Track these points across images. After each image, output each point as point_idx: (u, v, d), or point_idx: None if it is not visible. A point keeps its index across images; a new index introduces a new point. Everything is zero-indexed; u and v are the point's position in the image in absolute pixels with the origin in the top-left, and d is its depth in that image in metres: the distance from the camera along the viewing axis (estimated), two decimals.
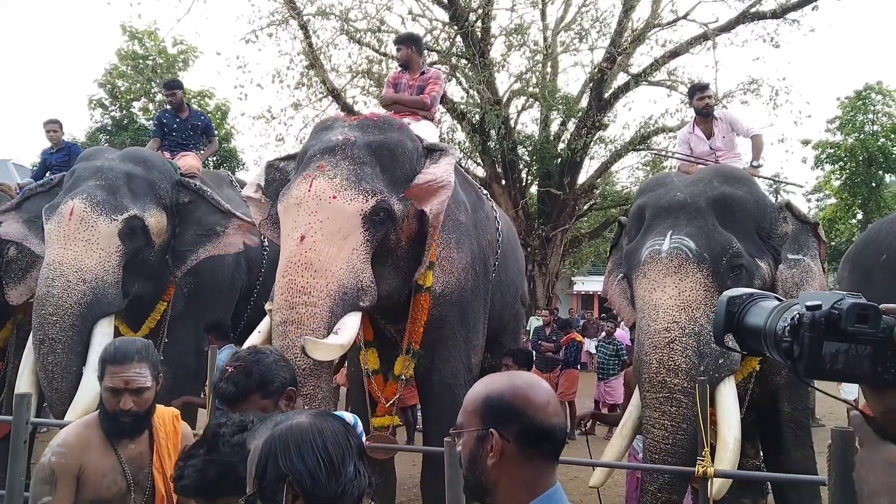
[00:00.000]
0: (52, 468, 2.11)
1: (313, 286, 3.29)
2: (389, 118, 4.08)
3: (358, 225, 3.47)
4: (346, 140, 3.69)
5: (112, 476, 2.20)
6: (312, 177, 3.52)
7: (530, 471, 1.28)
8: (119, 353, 2.21)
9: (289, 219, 3.51)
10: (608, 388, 9.22)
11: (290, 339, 3.20)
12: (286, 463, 1.22)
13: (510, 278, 5.41)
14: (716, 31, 12.74)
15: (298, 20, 12.98)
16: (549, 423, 1.29)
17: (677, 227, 3.67)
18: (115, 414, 2.19)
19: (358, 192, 3.49)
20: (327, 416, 1.35)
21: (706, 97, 5.08)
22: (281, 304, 3.31)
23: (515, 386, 1.32)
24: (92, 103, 20.76)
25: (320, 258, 3.33)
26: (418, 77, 5.04)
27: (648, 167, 15.76)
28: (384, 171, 3.69)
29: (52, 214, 4.49)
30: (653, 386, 3.43)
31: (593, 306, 26.33)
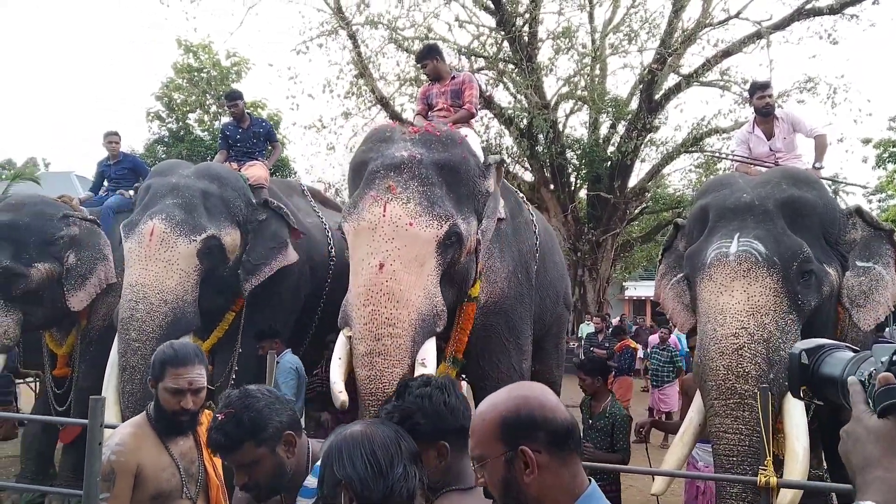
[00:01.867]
0: (111, 466, 2.20)
1: (397, 317, 3.34)
2: (451, 133, 4.05)
3: (433, 251, 3.51)
4: (411, 157, 3.68)
5: (170, 471, 2.31)
6: (385, 200, 3.52)
7: (567, 474, 1.26)
8: (180, 355, 2.31)
9: (363, 243, 3.52)
10: (662, 395, 9.04)
11: (378, 370, 3.28)
12: (339, 469, 1.33)
13: (549, 281, 5.36)
14: (770, 28, 12.44)
15: (347, 30, 13.17)
16: (566, 418, 1.28)
17: (745, 230, 3.57)
18: (176, 413, 2.30)
19: (432, 217, 3.51)
20: (379, 423, 1.46)
21: (767, 96, 4.92)
22: (365, 334, 3.35)
23: (522, 397, 1.30)
24: (150, 116, 21.44)
25: (401, 287, 3.37)
26: (449, 83, 5.02)
27: (701, 169, 15.46)
28: (450, 190, 3.71)
29: (131, 233, 4.56)
30: (721, 393, 3.34)
31: (645, 312, 25.90)
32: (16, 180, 19.36)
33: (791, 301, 3.43)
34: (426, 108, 5.10)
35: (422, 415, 1.61)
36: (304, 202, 6.22)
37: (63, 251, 5.42)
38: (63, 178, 24.24)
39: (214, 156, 6.83)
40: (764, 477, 3.00)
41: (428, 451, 1.61)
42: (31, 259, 5.27)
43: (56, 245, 5.37)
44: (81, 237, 5.42)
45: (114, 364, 4.39)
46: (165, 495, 2.29)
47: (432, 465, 1.62)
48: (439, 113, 4.94)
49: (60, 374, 5.81)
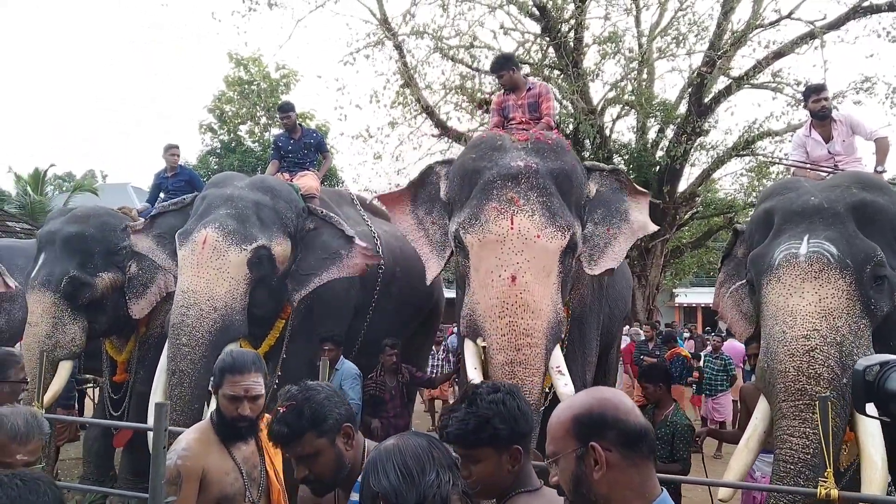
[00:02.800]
0: (178, 470, 2.27)
1: (533, 328, 3.50)
2: (560, 140, 4.17)
3: (557, 261, 3.66)
4: (528, 167, 3.80)
5: (233, 475, 2.38)
6: (511, 212, 3.64)
7: (637, 476, 1.29)
8: (238, 363, 2.38)
9: (491, 255, 3.63)
10: (716, 404, 8.85)
11: (519, 378, 3.42)
12: (375, 482, 1.37)
13: (619, 293, 5.34)
14: (823, 28, 12.09)
15: (393, 41, 13.31)
16: (640, 422, 1.32)
17: (814, 231, 3.47)
18: (234, 419, 2.37)
19: (556, 228, 3.65)
20: (412, 435, 1.50)
21: (822, 99, 4.78)
22: (504, 344, 3.50)
23: (597, 397, 1.36)
24: (202, 128, 22.05)
25: (534, 299, 3.52)
26: (525, 94, 5.01)
27: (753, 173, 15.08)
28: (564, 198, 3.83)
29: (185, 241, 4.69)
30: (790, 394, 3.23)
31: (696, 319, 25.37)
32: (76, 192, 20.12)
33: (864, 305, 3.32)
34: (502, 120, 5.10)
35: (499, 420, 1.65)
36: (353, 211, 6.31)
37: (125, 261, 5.64)
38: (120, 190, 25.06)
39: (265, 166, 6.97)
40: (824, 489, 2.90)
41: (503, 456, 1.65)
42: (97, 269, 5.51)
43: (119, 255, 5.60)
44: None
45: (163, 368, 4.51)
46: (229, 499, 2.35)
47: (506, 469, 1.65)
48: (518, 126, 4.95)
49: (119, 379, 6.01)
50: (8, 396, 2.69)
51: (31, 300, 5.34)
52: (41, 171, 20.55)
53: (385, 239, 6.21)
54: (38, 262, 5.50)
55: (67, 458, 7.29)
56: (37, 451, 1.98)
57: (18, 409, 2.04)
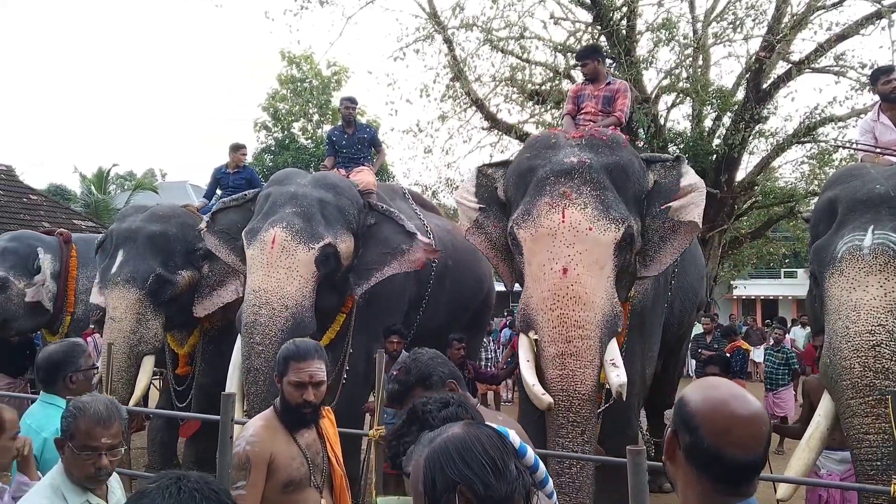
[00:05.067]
0: (247, 456, 2.38)
1: (585, 319, 3.47)
2: (616, 136, 4.13)
3: (611, 254, 3.61)
4: (581, 162, 3.77)
5: (299, 460, 2.48)
6: (562, 206, 3.62)
7: (699, 487, 1.23)
8: (301, 351, 2.48)
9: (543, 248, 3.63)
10: (777, 399, 8.60)
11: (570, 370, 3.43)
12: (453, 471, 1.25)
13: (690, 284, 5.23)
14: (891, 7, 11.56)
15: (443, 34, 13.31)
16: (721, 450, 1.18)
17: (880, 222, 3.34)
18: (299, 406, 2.47)
19: (609, 221, 3.61)
20: (476, 424, 1.40)
21: (893, 80, 4.58)
22: (555, 336, 3.49)
23: (711, 402, 1.24)
24: (257, 126, 22.51)
25: (586, 291, 3.50)
26: (603, 87, 4.98)
27: (815, 161, 14.55)
28: (620, 192, 3.79)
29: (253, 240, 4.78)
30: (859, 391, 3.12)
31: (755, 312, 24.70)
32: (137, 190, 20.81)
33: None
34: (575, 109, 5.09)
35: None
36: (406, 205, 6.35)
37: (201, 260, 5.82)
38: (179, 187, 25.83)
39: (318, 163, 7.05)
40: None
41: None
42: (177, 267, 5.72)
43: (196, 254, 5.78)
44: None
45: (237, 365, 4.62)
46: (296, 483, 2.45)
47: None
48: (586, 116, 4.93)
49: (182, 372, 6.20)
50: (84, 384, 2.82)
51: (114, 296, 5.52)
52: (104, 170, 21.35)
53: (437, 233, 6.24)
54: (116, 258, 5.70)
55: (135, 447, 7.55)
56: (119, 434, 2.07)
57: (97, 396, 2.15)
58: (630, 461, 1.74)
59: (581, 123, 4.82)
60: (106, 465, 2.02)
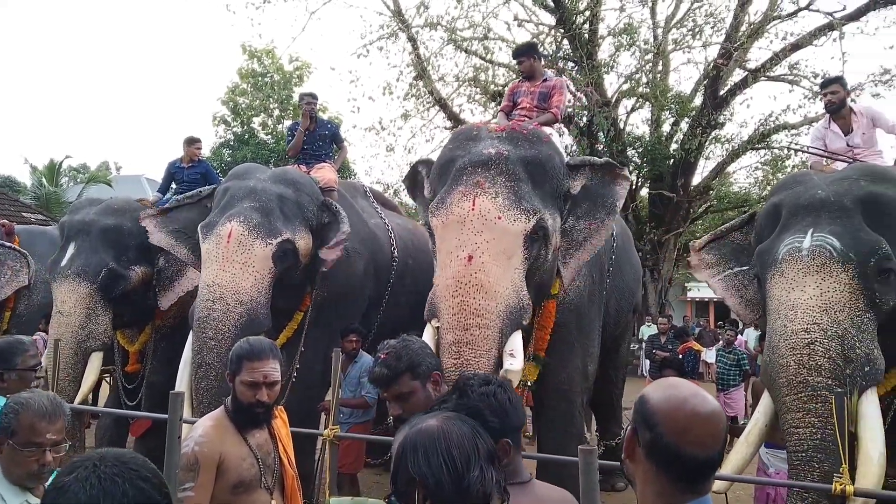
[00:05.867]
0: (195, 456, 2.29)
1: (485, 308, 3.38)
2: (537, 130, 4.09)
3: (520, 244, 3.54)
4: (498, 154, 3.73)
5: (249, 461, 2.41)
6: (474, 194, 3.57)
7: (657, 484, 1.25)
8: (255, 350, 2.40)
9: (451, 236, 3.57)
10: (728, 399, 8.77)
11: (465, 358, 3.32)
12: (414, 466, 1.28)
13: (625, 283, 5.28)
14: (842, 20, 11.94)
15: (407, 33, 13.29)
16: (680, 449, 1.21)
17: (819, 225, 3.45)
18: (251, 405, 2.40)
19: (520, 211, 3.55)
20: (457, 419, 1.40)
21: (829, 93, 4.77)
22: (453, 324, 3.40)
23: (671, 400, 1.26)
24: (216, 120, 22.10)
25: (490, 279, 3.41)
26: (539, 84, 5.02)
27: (769, 167, 14.94)
28: (536, 186, 3.74)
29: (209, 234, 4.68)
30: (793, 387, 3.22)
31: (709, 313, 25.21)
32: (90, 183, 20.28)
33: (868, 299, 3.28)
34: (511, 106, 5.11)
35: (490, 412, 1.62)
36: (367, 204, 6.30)
37: (155, 255, 5.68)
38: (134, 181, 25.26)
39: (278, 159, 6.96)
40: (839, 484, 2.87)
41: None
42: (131, 262, 5.57)
43: (151, 249, 5.64)
44: None
45: (187, 361, 4.52)
46: (246, 484, 2.39)
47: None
48: (521, 112, 4.93)
49: (132, 370, 6.05)
50: (17, 384, 2.65)
51: (64, 289, 5.35)
52: (56, 162, 20.74)
53: (398, 231, 6.20)
54: (67, 250, 5.53)
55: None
56: (63, 430, 2.00)
57: (39, 392, 2.07)
58: (582, 460, 1.74)
59: (517, 119, 4.84)
60: (50, 461, 1.95)
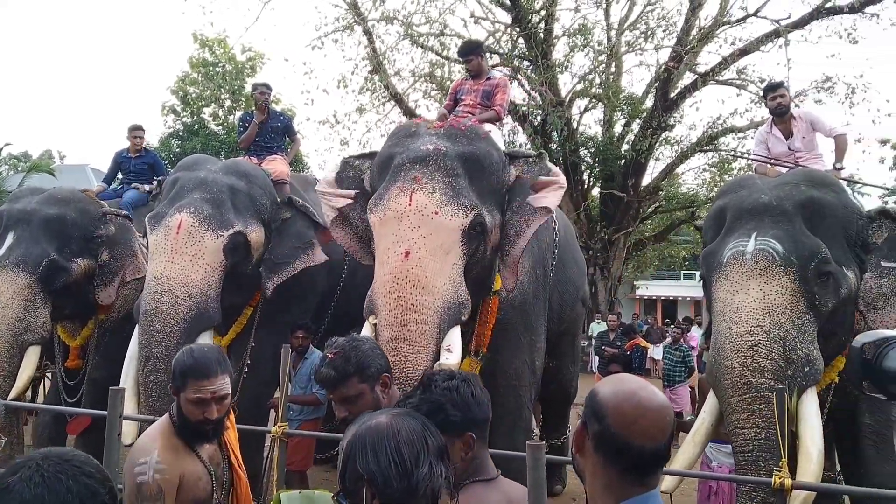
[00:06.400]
0: (159, 486, 2.11)
1: (422, 303, 3.36)
2: (476, 127, 4.09)
3: (458, 240, 3.53)
4: (436, 150, 3.72)
5: (205, 479, 2.26)
6: (411, 190, 3.55)
7: (608, 478, 1.27)
8: (201, 365, 2.20)
9: (388, 232, 3.54)
10: (674, 395, 8.99)
11: (402, 355, 3.29)
12: (363, 463, 1.29)
13: (569, 277, 5.34)
14: (788, 27, 12.33)
15: (363, 26, 13.19)
16: (629, 440, 1.23)
17: (762, 229, 3.54)
18: (200, 423, 2.21)
19: (457, 206, 3.54)
20: (407, 415, 1.41)
21: (779, 96, 4.92)
22: (391, 320, 3.37)
23: (619, 392, 1.28)
24: (165, 109, 21.58)
25: (426, 274, 3.39)
26: (483, 82, 5.05)
27: (716, 168, 15.34)
28: (474, 182, 3.73)
29: (157, 225, 4.56)
30: (737, 389, 3.30)
31: (657, 311, 25.78)
32: (32, 172, 19.55)
33: (808, 301, 3.39)
34: (453, 104, 5.10)
35: (452, 406, 1.65)
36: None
37: (99, 248, 5.51)
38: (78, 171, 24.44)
39: (229, 150, 6.83)
40: (779, 478, 2.96)
41: (455, 443, 1.64)
42: (73, 254, 5.38)
43: (95, 242, 5.47)
44: (115, 234, 5.54)
45: (133, 356, 4.40)
46: (200, 502, 2.24)
47: (458, 456, 1.65)
48: (464, 109, 4.94)
49: (73, 365, 5.86)
50: None
51: (1, 280, 5.13)
52: None
53: None
54: (6, 240, 5.32)
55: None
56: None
57: None
58: (529, 455, 1.75)
59: (460, 115, 4.85)
60: None
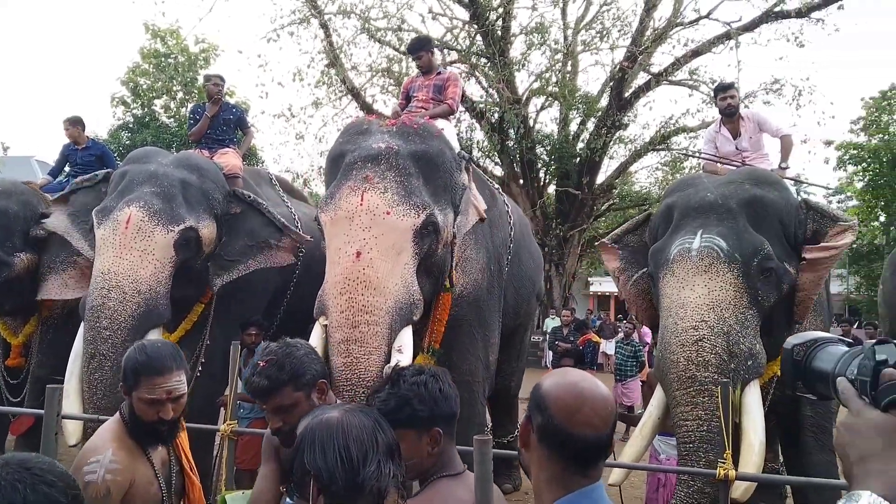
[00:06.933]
0: (108, 487, 1.97)
1: (373, 304, 3.35)
2: (428, 125, 4.08)
3: (410, 240, 3.53)
4: (388, 148, 3.70)
5: (156, 484, 2.13)
6: (362, 189, 3.53)
7: (553, 470, 1.28)
8: (155, 362, 2.07)
9: (340, 232, 3.52)
10: (625, 389, 9.16)
11: (354, 357, 3.27)
12: (309, 458, 1.28)
13: (524, 272, 5.38)
14: (739, 30, 12.65)
15: (320, 19, 13.06)
16: (570, 430, 1.24)
17: (708, 227, 3.63)
18: (153, 423, 2.09)
19: (409, 206, 3.54)
20: (359, 412, 1.40)
21: (729, 97, 5.04)
22: (342, 322, 3.34)
23: (561, 384, 1.31)
24: (114, 101, 21.00)
25: (378, 275, 3.38)
26: (434, 77, 5.05)
27: (668, 167, 15.68)
28: (427, 181, 3.74)
29: (105, 219, 4.43)
30: (682, 383, 3.38)
31: (609, 307, 26.21)
32: None
33: (751, 296, 3.49)
34: (406, 102, 5.08)
35: (419, 401, 1.65)
36: (272, 192, 6.14)
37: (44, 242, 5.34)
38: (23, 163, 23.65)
39: (181, 143, 6.69)
40: (723, 470, 3.04)
41: (422, 438, 1.65)
42: (15, 248, 5.20)
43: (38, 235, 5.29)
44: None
45: (78, 353, 4.28)
46: None
47: (425, 451, 1.66)
48: (417, 104, 4.93)
49: (14, 363, 5.67)
50: None
51: None
52: None
53: (305, 221, 6.09)
54: None
55: None
56: None
57: None
58: (476, 450, 1.75)
59: (413, 111, 4.86)
60: None
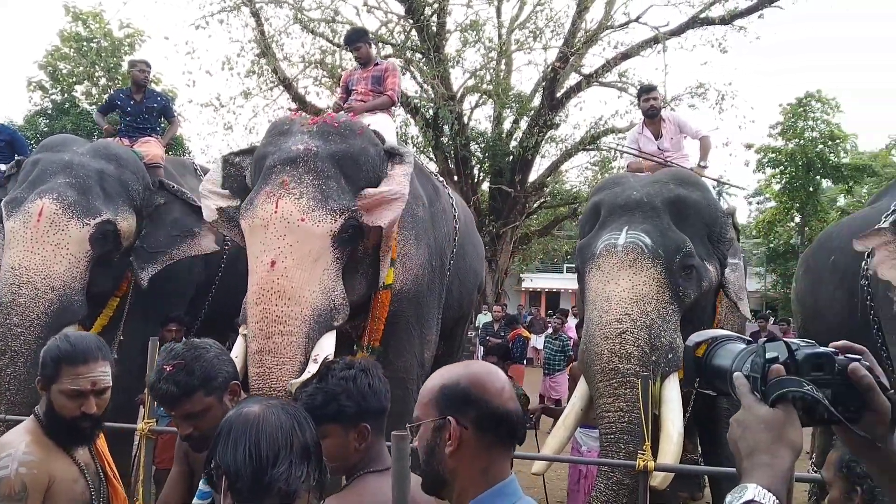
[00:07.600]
0: (23, 482, 1.85)
1: (288, 314, 3.32)
2: (350, 122, 4.01)
3: (327, 246, 3.48)
4: (307, 150, 3.62)
5: (81, 482, 2.02)
6: (277, 196, 3.46)
7: (487, 459, 1.29)
8: (79, 351, 1.94)
9: (256, 240, 3.47)
10: (553, 383, 9.33)
11: (266, 367, 3.25)
12: (222, 453, 1.28)
13: (469, 265, 5.41)
14: (666, 34, 13.03)
15: (251, 7, 12.76)
16: (505, 408, 1.29)
17: (633, 224, 3.73)
18: (75, 419, 1.95)
19: (326, 212, 3.47)
20: (280, 409, 1.37)
21: (651, 99, 5.25)
22: (256, 333, 3.31)
23: (471, 373, 1.33)
24: (31, 86, 19.94)
25: (293, 284, 3.35)
26: (372, 68, 5.02)
27: (597, 167, 16.04)
28: (349, 181, 3.67)
29: (15, 211, 4.22)
30: (605, 374, 3.46)
31: (540, 303, 26.68)
32: None
33: (672, 292, 3.61)
34: (346, 95, 5.02)
35: (346, 396, 1.64)
36: (197, 182, 5.97)
37: None
38: None
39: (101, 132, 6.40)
40: (642, 461, 3.14)
41: (349, 433, 1.64)
42: None
43: None
44: None
45: None
46: None
47: (352, 447, 1.65)
48: (357, 97, 4.88)
49: None
50: None
51: None
52: None
53: None
54: None
55: None
56: None
57: None
58: (394, 446, 1.74)
59: (354, 103, 4.84)
60: None
